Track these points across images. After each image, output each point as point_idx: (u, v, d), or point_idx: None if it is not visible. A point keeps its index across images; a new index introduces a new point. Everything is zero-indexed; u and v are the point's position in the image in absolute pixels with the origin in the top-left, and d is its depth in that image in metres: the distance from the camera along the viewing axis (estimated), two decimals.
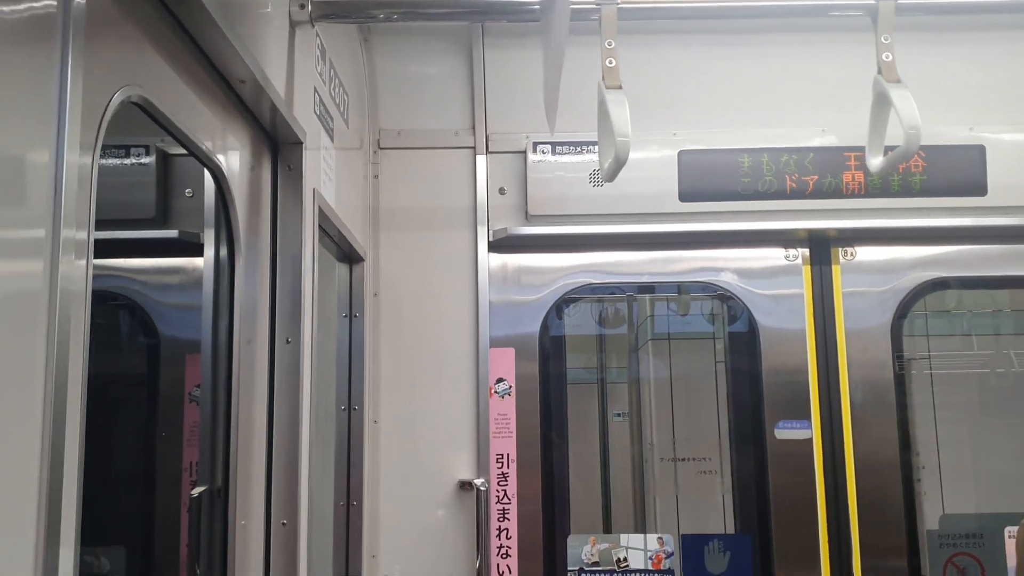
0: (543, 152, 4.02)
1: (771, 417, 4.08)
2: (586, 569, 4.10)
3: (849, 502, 3.99)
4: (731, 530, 5.74)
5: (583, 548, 4.13)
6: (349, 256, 3.75)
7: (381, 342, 3.97)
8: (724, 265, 4.12)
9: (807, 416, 4.05)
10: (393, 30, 4.02)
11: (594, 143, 3.83)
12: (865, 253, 4.13)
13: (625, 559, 4.14)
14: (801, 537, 4.03)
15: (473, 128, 4.08)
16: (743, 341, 4.33)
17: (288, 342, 2.73)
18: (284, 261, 2.75)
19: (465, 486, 3.89)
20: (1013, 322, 5.68)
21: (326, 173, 3.15)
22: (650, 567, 4.14)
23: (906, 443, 4.15)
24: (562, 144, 4.01)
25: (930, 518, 4.63)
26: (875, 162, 2.98)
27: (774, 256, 4.12)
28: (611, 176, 2.78)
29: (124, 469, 3.35)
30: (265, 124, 2.67)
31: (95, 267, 1.62)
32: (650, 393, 7.25)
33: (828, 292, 4.11)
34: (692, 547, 4.22)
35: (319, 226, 3.11)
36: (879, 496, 4.02)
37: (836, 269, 4.11)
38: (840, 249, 4.12)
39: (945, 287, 4.32)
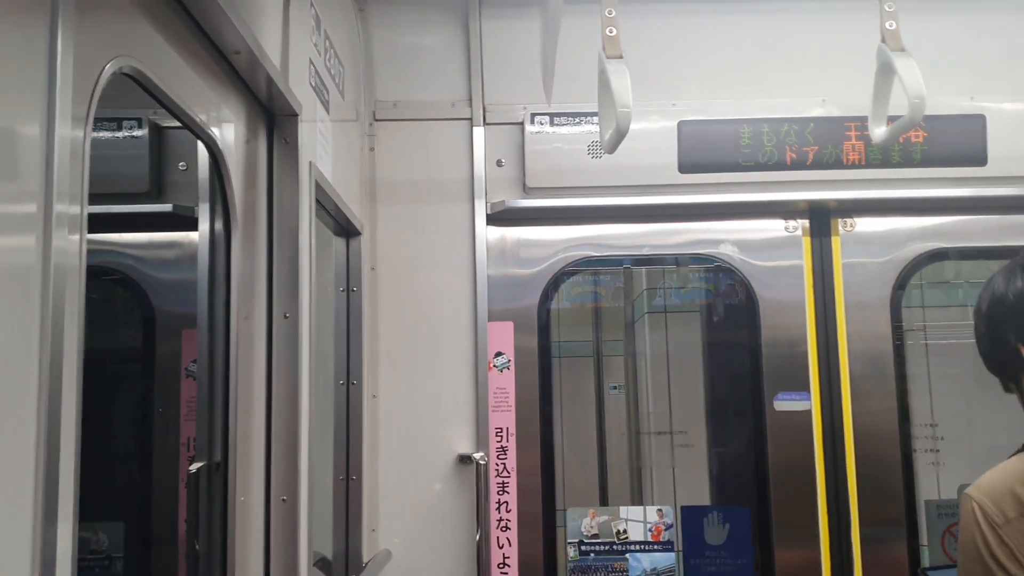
0: (541, 123, 3.96)
1: (770, 389, 4.04)
2: (586, 541, 4.08)
3: (848, 473, 3.96)
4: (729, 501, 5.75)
5: (582, 521, 4.11)
6: (346, 229, 3.70)
7: (380, 316, 3.92)
8: (724, 237, 4.07)
9: (806, 388, 4.01)
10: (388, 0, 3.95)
11: (593, 114, 3.79)
12: (865, 224, 4.09)
13: (625, 531, 4.12)
14: (800, 508, 3.99)
15: (470, 99, 4.02)
16: (742, 313, 4.29)
17: (286, 317, 2.68)
18: (281, 235, 2.71)
19: (464, 460, 3.85)
20: None
21: (322, 146, 3.09)
22: (650, 539, 4.12)
23: (905, 414, 4.12)
24: (560, 115, 3.95)
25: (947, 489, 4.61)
26: (878, 132, 2.93)
27: (774, 228, 4.07)
28: (612, 147, 2.73)
29: (121, 445, 3.32)
30: (260, 96, 2.62)
31: (91, 242, 1.58)
32: (646, 366, 7.25)
33: (828, 263, 4.06)
34: (691, 519, 4.20)
35: (316, 200, 3.06)
36: (878, 467, 3.99)
37: (836, 240, 4.06)
38: (840, 220, 4.08)
39: (944, 258, 4.28)
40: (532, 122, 3.98)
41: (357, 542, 3.62)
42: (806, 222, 4.08)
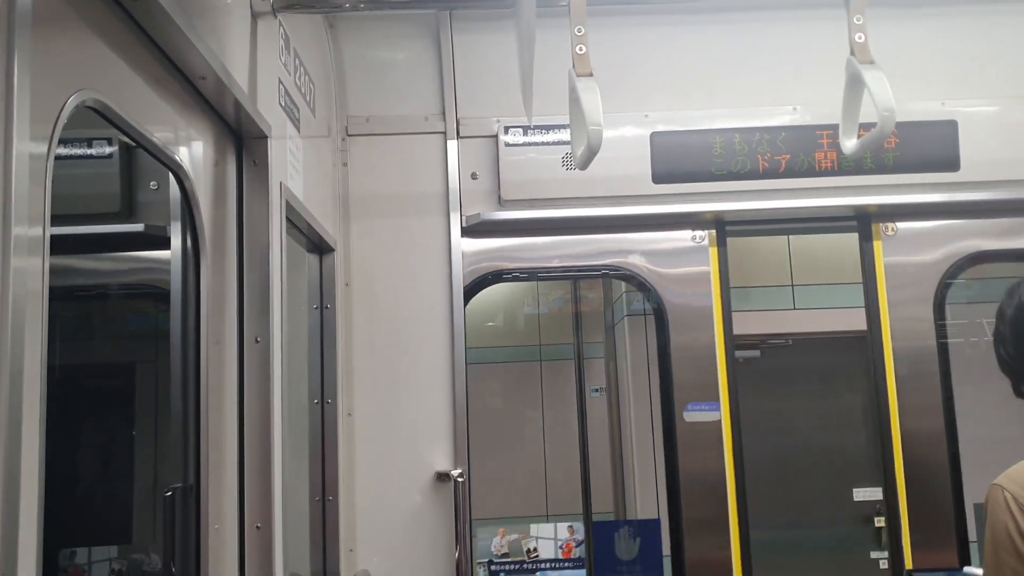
0: (514, 136, 3.95)
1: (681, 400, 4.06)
2: (495, 561, 4.08)
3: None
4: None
5: (492, 540, 4.10)
6: (319, 246, 3.68)
7: (354, 333, 3.89)
8: (633, 248, 4.08)
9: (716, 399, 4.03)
10: (358, 14, 3.91)
11: (565, 126, 3.77)
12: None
13: (535, 549, 4.10)
14: (711, 519, 4.01)
15: (443, 113, 4.00)
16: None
17: (257, 341, 2.67)
18: (251, 258, 2.69)
19: (442, 477, 3.82)
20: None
21: (292, 165, 3.07)
22: (560, 556, 4.11)
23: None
24: (533, 128, 3.94)
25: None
26: (849, 144, 2.93)
27: (680, 238, 4.09)
28: (584, 164, 2.72)
29: (87, 471, 3.28)
30: (229, 119, 2.60)
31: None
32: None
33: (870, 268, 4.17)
34: (602, 534, 4.18)
35: (287, 218, 3.05)
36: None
37: (878, 245, 4.10)
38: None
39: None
40: (506, 134, 3.97)
41: (335, 563, 3.60)
42: (712, 232, 4.08)
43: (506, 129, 3.97)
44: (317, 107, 3.55)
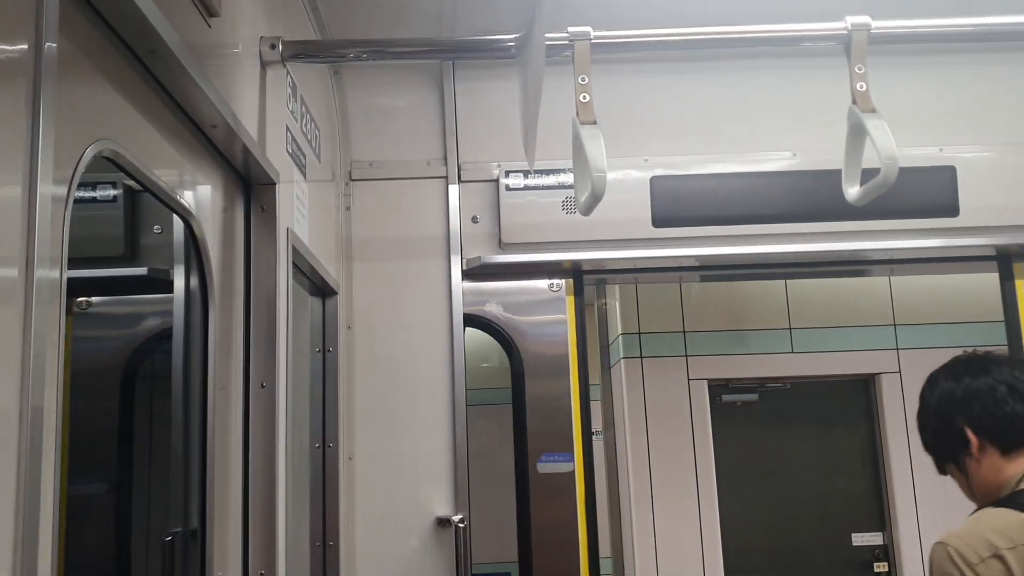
0: (515, 180, 4.01)
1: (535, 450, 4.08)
2: None
3: None
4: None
5: None
6: (322, 290, 3.72)
7: (356, 376, 3.93)
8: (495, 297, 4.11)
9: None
10: (363, 63, 3.98)
11: (565, 170, 3.84)
12: None
13: None
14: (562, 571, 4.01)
15: (445, 158, 4.06)
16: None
17: (263, 386, 2.69)
18: (258, 303, 2.72)
19: (443, 522, 3.84)
20: None
21: (299, 210, 3.11)
22: None
23: None
24: (534, 172, 3.99)
25: None
26: (852, 192, 2.97)
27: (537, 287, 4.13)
28: (588, 210, 2.76)
29: (87, 515, 3.28)
30: (238, 166, 2.64)
31: None
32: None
33: (1013, 309, 4.14)
34: None
35: (293, 263, 3.08)
36: None
37: (1020, 284, 4.13)
38: None
39: None
40: (506, 178, 4.02)
41: None
42: (569, 281, 4.11)
43: (507, 173, 4.02)
44: (322, 152, 3.60)
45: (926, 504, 6.25)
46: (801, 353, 6.45)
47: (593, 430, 8.07)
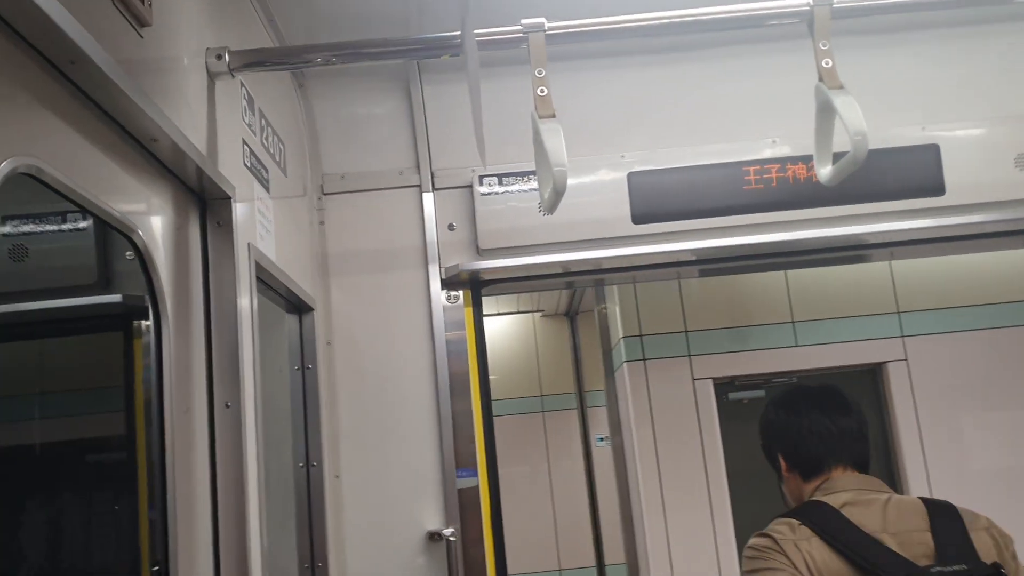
0: (489, 184, 3.92)
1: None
2: None
3: None
4: None
5: None
6: (297, 306, 3.63)
7: (338, 392, 3.83)
8: None
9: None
10: (327, 72, 3.89)
11: None
12: None
13: None
14: None
15: (417, 166, 3.97)
16: None
17: (228, 407, 2.60)
18: (219, 322, 2.63)
19: (435, 537, 3.74)
20: None
21: (263, 225, 3.03)
22: None
23: None
24: (508, 175, 3.91)
25: None
26: (824, 172, 2.88)
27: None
28: (551, 207, 2.67)
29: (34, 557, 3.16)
30: (189, 181, 2.56)
31: None
32: None
33: None
34: None
35: (260, 279, 3.00)
36: None
37: None
38: None
39: None
40: (480, 184, 3.93)
41: None
42: (468, 291, 4.03)
43: (480, 178, 3.94)
44: (289, 167, 3.52)
45: (940, 493, 6.09)
46: (805, 346, 6.33)
47: (599, 436, 8.13)
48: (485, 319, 3.83)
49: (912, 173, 3.92)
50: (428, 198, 3.95)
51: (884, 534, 2.55)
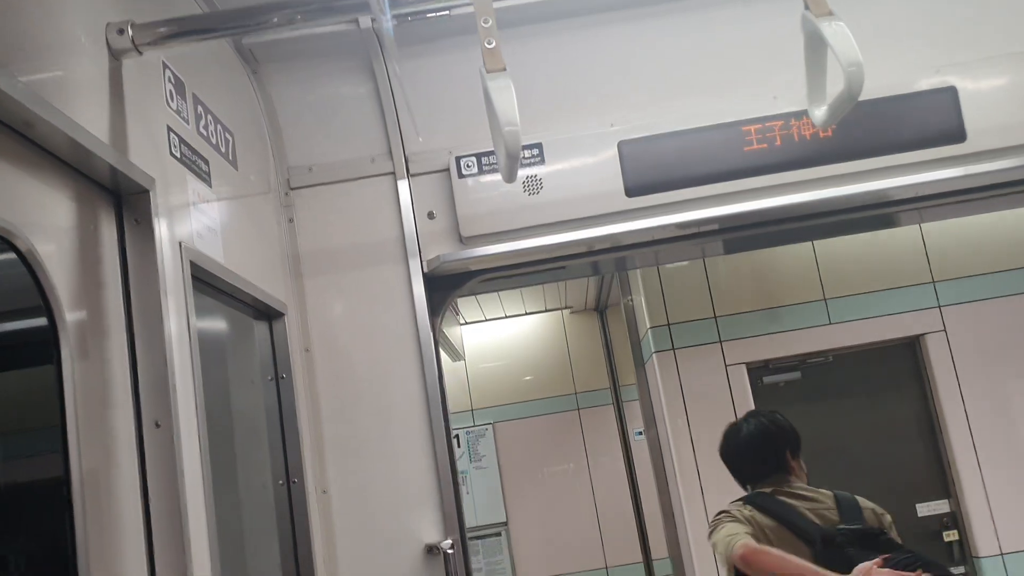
0: (468, 167, 3.50)
1: None
2: None
3: None
4: None
5: None
6: (266, 312, 3.24)
7: (320, 402, 3.44)
8: None
9: None
10: (283, 56, 3.48)
11: (523, 148, 3.34)
12: None
13: None
14: None
15: (390, 151, 3.56)
16: None
17: (158, 426, 2.22)
18: (144, 332, 2.26)
19: (434, 550, 3.33)
20: None
21: (204, 223, 2.66)
22: None
23: None
24: (488, 154, 3.48)
25: None
26: (818, 114, 2.46)
27: None
28: (509, 174, 2.28)
29: None
30: (93, 174, 2.18)
31: None
32: None
33: None
34: None
35: (207, 284, 2.63)
36: None
37: None
38: None
39: None
40: (459, 166, 3.51)
41: None
42: None
43: (458, 160, 3.52)
44: (243, 160, 3.14)
45: (991, 465, 5.89)
46: (840, 323, 6.10)
47: (637, 430, 7.81)
48: (511, 320, 3.45)
49: (928, 120, 3.46)
50: (404, 186, 3.53)
51: (802, 506, 3.51)
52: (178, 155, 2.57)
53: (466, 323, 8.50)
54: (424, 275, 3.45)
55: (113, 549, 2.05)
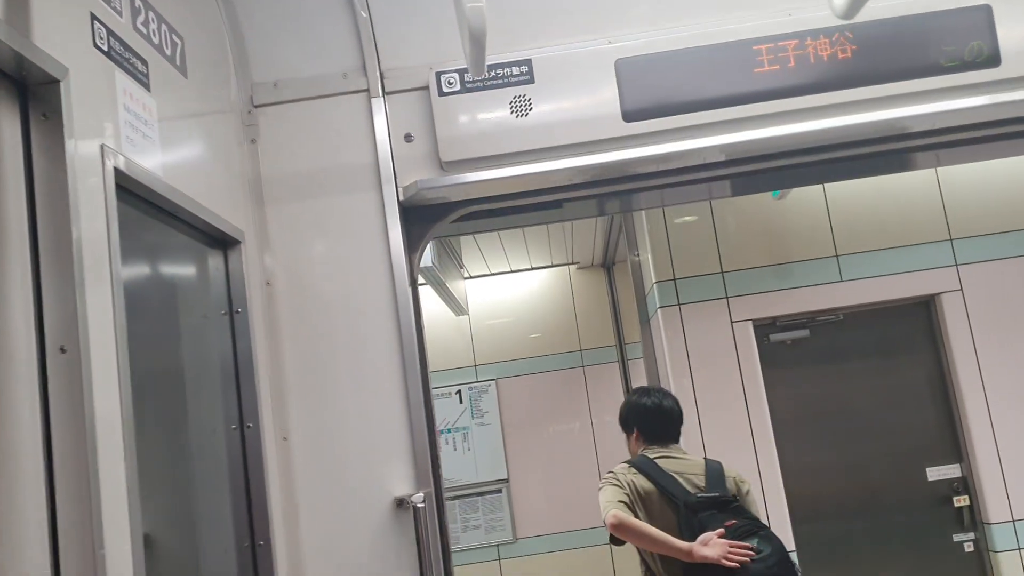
0: (450, 84, 3.10)
1: None
2: None
3: None
4: None
5: None
6: (220, 240, 2.85)
7: (283, 340, 3.06)
8: None
9: None
10: None
11: (509, 64, 2.96)
12: None
13: None
14: None
15: (364, 66, 3.14)
16: None
17: (64, 351, 1.86)
18: (47, 242, 1.89)
19: (404, 503, 2.95)
20: None
21: (135, 128, 2.29)
22: None
23: None
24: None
25: None
26: (839, 4, 2.05)
27: None
28: (476, 66, 1.93)
29: None
30: None
31: None
32: None
33: None
34: None
35: (146, 200, 2.26)
36: None
37: None
38: None
39: None
40: (439, 83, 3.11)
41: None
42: None
43: (439, 76, 3.11)
44: (197, 70, 2.77)
45: (1005, 429, 5.55)
46: (851, 280, 5.74)
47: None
48: (517, 275, 3.06)
49: (959, 41, 3.03)
50: (378, 104, 3.13)
51: (677, 475, 3.87)
52: (104, 48, 2.20)
53: (470, 276, 8.19)
54: (400, 204, 3.06)
55: (6, 497, 1.70)
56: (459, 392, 8.16)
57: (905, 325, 5.85)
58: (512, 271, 8.31)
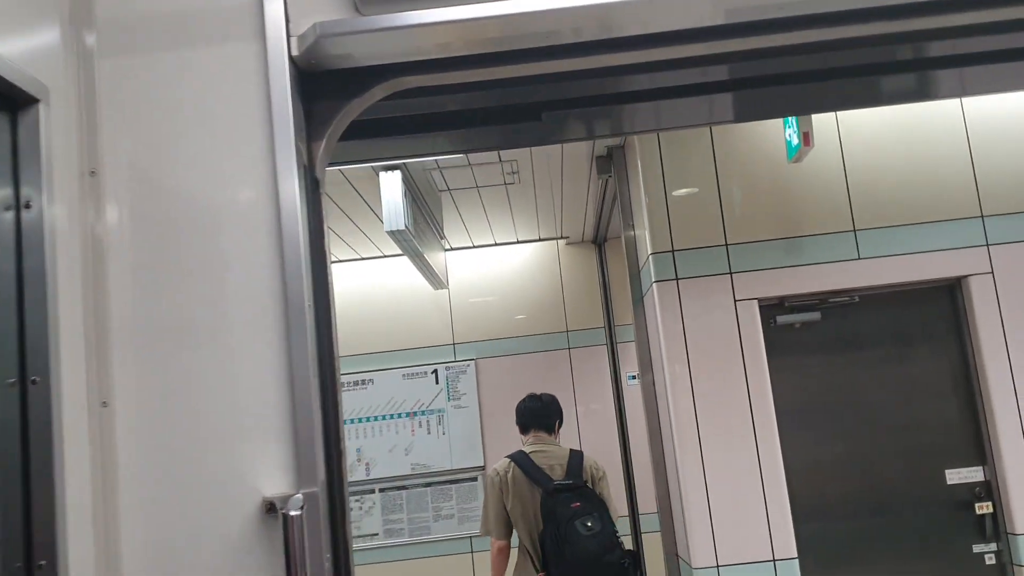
0: None
1: None
2: None
3: None
4: None
5: None
6: (6, 96, 1.66)
7: (108, 261, 1.83)
8: None
9: None
10: None
11: None
12: None
13: None
14: None
15: None
16: None
17: None
18: None
19: (272, 508, 1.76)
20: None
21: None
22: None
23: None
24: None
25: None
26: None
27: None
28: None
29: None
30: None
31: None
32: None
33: None
34: None
35: None
36: None
37: None
38: None
39: None
40: None
41: None
42: None
43: None
44: None
45: None
46: (869, 259, 5.02)
47: (631, 374, 6.70)
48: (503, 248, 1.89)
49: None
50: None
51: (545, 465, 4.83)
52: None
53: (451, 248, 7.35)
54: (293, 62, 1.84)
55: None
56: (435, 372, 7.50)
57: (928, 310, 5.15)
58: (496, 243, 7.59)
